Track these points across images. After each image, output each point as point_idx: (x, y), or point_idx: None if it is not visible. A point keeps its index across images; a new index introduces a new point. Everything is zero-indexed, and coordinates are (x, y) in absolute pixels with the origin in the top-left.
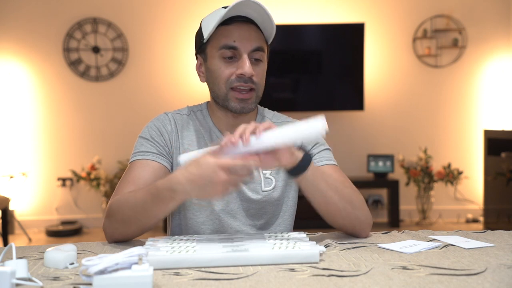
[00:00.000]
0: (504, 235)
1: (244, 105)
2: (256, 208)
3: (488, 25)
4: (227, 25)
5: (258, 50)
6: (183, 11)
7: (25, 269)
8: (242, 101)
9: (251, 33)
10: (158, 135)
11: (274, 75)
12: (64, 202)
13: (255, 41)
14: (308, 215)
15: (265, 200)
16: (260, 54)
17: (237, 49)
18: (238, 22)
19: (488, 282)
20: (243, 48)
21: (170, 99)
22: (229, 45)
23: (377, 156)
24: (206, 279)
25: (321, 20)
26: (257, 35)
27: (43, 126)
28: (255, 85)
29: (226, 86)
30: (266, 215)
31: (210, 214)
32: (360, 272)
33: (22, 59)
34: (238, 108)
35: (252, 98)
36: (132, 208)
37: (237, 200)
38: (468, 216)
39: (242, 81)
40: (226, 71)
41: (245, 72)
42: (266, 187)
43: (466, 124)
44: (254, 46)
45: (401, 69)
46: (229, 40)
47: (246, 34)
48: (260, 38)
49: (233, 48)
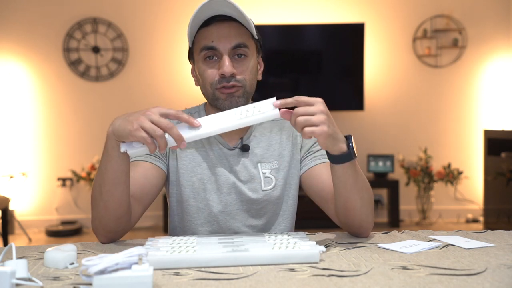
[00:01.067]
0: (504, 235)
1: (232, 99)
2: (256, 208)
3: (488, 25)
4: (207, 26)
5: (239, 46)
6: (183, 11)
7: (25, 269)
8: (229, 95)
9: (230, 31)
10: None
11: (274, 75)
12: (64, 202)
13: (234, 38)
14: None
15: (266, 199)
16: (243, 50)
17: (217, 49)
18: (217, 21)
19: (488, 282)
20: (222, 47)
21: (170, 99)
22: (208, 46)
23: (377, 156)
24: (206, 279)
25: (321, 20)
26: (238, 32)
27: (43, 126)
28: (240, 82)
29: (211, 87)
30: (267, 215)
31: (208, 216)
32: (360, 272)
33: (22, 59)
34: (226, 104)
35: (239, 91)
36: (95, 185)
37: (236, 201)
38: (468, 216)
39: (224, 81)
40: (209, 73)
41: (225, 71)
42: (266, 186)
43: (466, 124)
44: (234, 43)
45: (401, 69)
46: (208, 41)
47: (224, 32)
48: (241, 34)
49: (212, 49)
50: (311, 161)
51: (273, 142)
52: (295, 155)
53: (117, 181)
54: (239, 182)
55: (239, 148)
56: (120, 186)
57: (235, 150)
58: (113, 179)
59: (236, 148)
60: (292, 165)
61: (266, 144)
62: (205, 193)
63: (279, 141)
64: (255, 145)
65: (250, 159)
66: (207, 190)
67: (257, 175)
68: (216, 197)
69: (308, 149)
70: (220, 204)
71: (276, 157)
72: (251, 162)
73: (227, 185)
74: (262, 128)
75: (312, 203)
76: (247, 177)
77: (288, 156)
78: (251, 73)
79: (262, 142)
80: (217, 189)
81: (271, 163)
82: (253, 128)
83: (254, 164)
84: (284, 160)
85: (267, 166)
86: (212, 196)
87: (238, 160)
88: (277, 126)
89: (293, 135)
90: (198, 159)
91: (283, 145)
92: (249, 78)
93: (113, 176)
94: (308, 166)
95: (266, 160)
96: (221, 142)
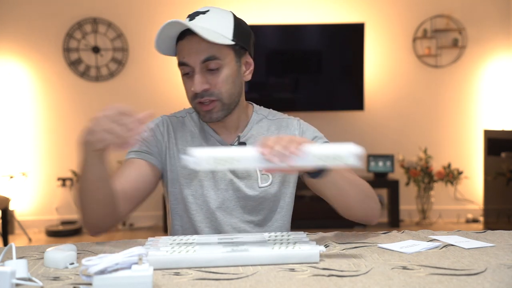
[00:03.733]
0: (504, 235)
1: (211, 115)
2: (253, 205)
3: (488, 25)
4: (182, 40)
5: (209, 59)
6: (183, 11)
7: (25, 269)
8: (207, 112)
9: (200, 45)
10: (149, 135)
11: (274, 75)
12: (64, 202)
13: (203, 52)
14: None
15: (262, 196)
16: (214, 63)
17: (188, 65)
18: (188, 35)
19: (488, 282)
20: (192, 62)
21: (170, 99)
22: (181, 62)
23: (377, 156)
24: (206, 279)
25: (321, 20)
26: (208, 44)
27: (43, 126)
28: (215, 96)
29: (192, 102)
30: (264, 211)
31: (206, 212)
32: (360, 272)
33: (22, 59)
34: (206, 119)
35: (216, 107)
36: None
37: (233, 198)
38: (468, 216)
39: (198, 97)
40: (187, 88)
41: (195, 89)
42: (263, 183)
43: (466, 124)
44: (203, 57)
45: (401, 69)
46: (181, 57)
47: (194, 47)
48: (211, 46)
49: (185, 65)
50: None
51: None
52: None
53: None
54: (236, 179)
55: (236, 145)
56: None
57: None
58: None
59: (233, 146)
60: None
61: None
62: (202, 190)
63: None
64: (252, 143)
65: None
66: (205, 187)
67: (253, 172)
68: (214, 194)
69: None
70: (218, 200)
71: None
72: None
73: (224, 181)
74: (259, 127)
75: (312, 203)
76: (244, 174)
77: None
78: (228, 83)
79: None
80: (215, 186)
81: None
82: (250, 126)
83: None
84: None
85: None
86: (209, 192)
87: None
88: (275, 125)
89: (291, 134)
90: None
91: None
92: (226, 89)
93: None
94: None
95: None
96: (218, 140)
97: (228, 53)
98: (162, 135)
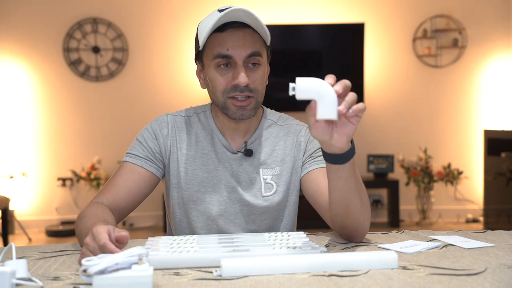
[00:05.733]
0: (504, 235)
1: (243, 112)
2: (256, 213)
3: (488, 25)
4: (221, 32)
5: (254, 55)
6: (183, 11)
7: (25, 269)
8: (240, 108)
9: (245, 39)
10: (153, 139)
11: (274, 75)
12: (64, 202)
13: (250, 46)
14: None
15: (265, 205)
16: (257, 59)
17: (231, 58)
18: (231, 28)
19: (488, 282)
20: (237, 55)
21: (170, 99)
22: (222, 54)
23: (377, 156)
24: (206, 279)
25: (321, 20)
26: (252, 39)
27: (43, 126)
28: (253, 92)
29: (223, 95)
30: (267, 221)
31: (207, 219)
32: (360, 272)
33: (22, 59)
34: (237, 116)
35: (251, 104)
36: (77, 229)
37: (236, 206)
38: (468, 216)
39: (238, 90)
40: (222, 81)
41: (240, 82)
42: (267, 192)
43: (466, 124)
44: (249, 52)
45: (401, 69)
46: (223, 49)
47: (240, 40)
48: (255, 42)
49: (227, 57)
50: (310, 165)
51: (277, 147)
52: (297, 161)
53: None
54: (239, 187)
55: (243, 152)
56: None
57: (238, 154)
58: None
59: (239, 152)
60: (294, 171)
61: (269, 149)
62: (204, 196)
63: (283, 146)
64: (259, 150)
65: (252, 164)
66: (207, 193)
67: (258, 180)
68: (216, 200)
69: (311, 154)
70: (220, 207)
71: (279, 162)
72: (253, 167)
73: (227, 188)
74: (268, 133)
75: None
76: (248, 182)
77: (290, 162)
78: (263, 82)
79: (266, 147)
80: (217, 192)
81: (273, 169)
82: (259, 132)
83: (255, 169)
84: (286, 166)
85: (268, 172)
86: (211, 199)
87: (240, 164)
88: (283, 131)
89: (297, 141)
90: (198, 162)
91: (287, 151)
92: (261, 87)
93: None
94: (307, 169)
95: (269, 166)
96: (224, 145)
97: (265, 53)
98: (164, 138)
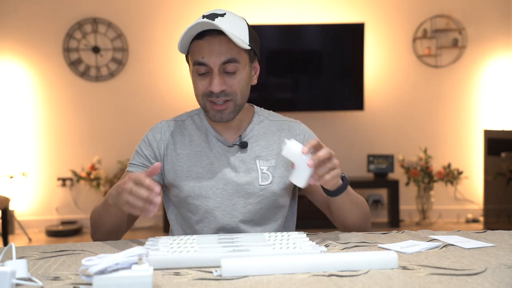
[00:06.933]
0: (504, 235)
1: (222, 115)
2: (252, 203)
3: (488, 25)
4: (199, 39)
5: (229, 62)
6: (183, 11)
7: (25, 269)
8: (218, 111)
9: (221, 46)
10: (147, 146)
11: (274, 75)
12: (64, 202)
13: (224, 54)
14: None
15: (262, 194)
16: (232, 66)
17: (207, 65)
18: (209, 36)
19: (488, 282)
20: (212, 63)
21: (170, 99)
22: (199, 62)
23: (377, 156)
24: (206, 279)
25: (321, 20)
26: (228, 47)
27: (43, 126)
28: (230, 96)
29: (202, 99)
30: (263, 210)
31: (205, 213)
32: (360, 272)
33: (22, 59)
34: (216, 118)
35: (229, 108)
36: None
37: (233, 197)
38: (468, 216)
39: (214, 96)
40: (200, 86)
41: (213, 89)
42: (263, 181)
43: (466, 124)
44: (223, 59)
45: (401, 69)
46: (199, 57)
47: (215, 48)
48: (232, 49)
49: (203, 64)
50: None
51: (272, 142)
52: None
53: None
54: (237, 176)
55: (238, 145)
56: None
57: (234, 147)
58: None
59: (235, 145)
60: (289, 165)
61: (265, 143)
62: (200, 191)
63: (277, 141)
64: (254, 143)
65: (248, 155)
66: (203, 188)
67: (255, 170)
68: (212, 193)
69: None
70: (216, 199)
71: (274, 156)
72: (250, 157)
73: (223, 180)
74: (260, 127)
75: (312, 203)
76: (245, 171)
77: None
78: (242, 85)
79: (260, 141)
80: (213, 186)
81: (268, 160)
82: (252, 127)
83: (252, 160)
84: (281, 159)
85: (265, 163)
86: (207, 192)
87: (237, 156)
88: (276, 126)
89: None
90: (193, 159)
91: (281, 145)
92: (240, 90)
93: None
94: None
95: (264, 158)
96: (220, 140)
97: (244, 57)
98: (158, 143)
